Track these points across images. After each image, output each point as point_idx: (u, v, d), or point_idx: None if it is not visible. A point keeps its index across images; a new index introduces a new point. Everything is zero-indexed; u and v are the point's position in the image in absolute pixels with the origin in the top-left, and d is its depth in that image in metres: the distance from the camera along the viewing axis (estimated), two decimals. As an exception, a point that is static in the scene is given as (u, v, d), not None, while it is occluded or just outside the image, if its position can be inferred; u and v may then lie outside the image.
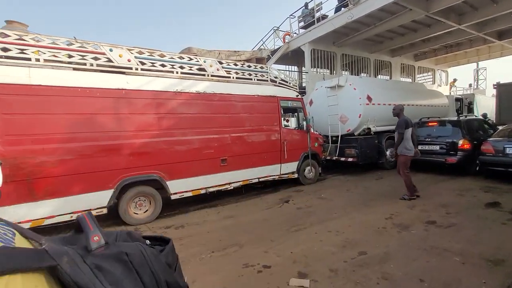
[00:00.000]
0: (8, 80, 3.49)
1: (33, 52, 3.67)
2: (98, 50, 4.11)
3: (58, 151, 3.69)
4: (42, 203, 3.61)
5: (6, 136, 3.41)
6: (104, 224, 4.33)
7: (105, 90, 4.05)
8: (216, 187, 5.14)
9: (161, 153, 4.45)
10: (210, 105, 5.03)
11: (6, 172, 3.37)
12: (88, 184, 3.89)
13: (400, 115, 4.93)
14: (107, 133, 4.03)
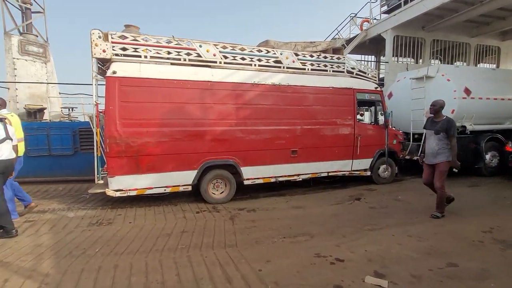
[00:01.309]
0: (125, 74, 4.29)
1: (143, 50, 4.41)
2: (190, 46, 4.65)
3: (157, 134, 4.39)
4: (145, 176, 4.38)
5: (122, 119, 4.22)
6: (188, 199, 4.98)
7: (194, 82, 4.58)
8: (285, 177, 5.27)
9: (237, 141, 4.80)
10: (284, 97, 5.13)
11: (122, 149, 4.21)
12: (178, 163, 4.51)
13: (440, 113, 3.92)
14: (194, 120, 4.57)
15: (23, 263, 2.71)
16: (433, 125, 3.93)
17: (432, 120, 4.00)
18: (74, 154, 6.86)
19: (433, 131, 3.89)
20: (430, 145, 3.94)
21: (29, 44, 8.10)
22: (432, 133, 3.90)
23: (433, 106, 3.93)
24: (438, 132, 3.81)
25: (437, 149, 3.83)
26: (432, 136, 3.91)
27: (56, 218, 4.04)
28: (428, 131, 4.00)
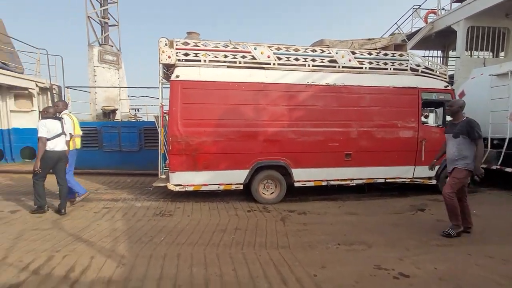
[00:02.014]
0: (187, 77, 4.62)
1: (203, 55, 4.70)
2: (245, 49, 4.79)
3: (213, 134, 4.63)
4: (201, 173, 4.66)
5: (183, 120, 4.56)
6: (239, 198, 5.14)
7: (249, 84, 4.70)
8: (338, 181, 5.06)
9: (289, 142, 4.78)
10: (339, 98, 4.94)
11: (182, 147, 4.55)
12: (231, 163, 4.69)
13: (459, 114, 3.42)
14: (248, 121, 4.69)
15: (104, 244, 3.13)
16: (452, 128, 3.48)
17: (451, 123, 3.54)
18: (139, 151, 7.67)
19: (451, 134, 3.43)
20: (449, 151, 3.50)
21: (106, 54, 9.33)
22: (451, 136, 3.44)
23: (450, 107, 3.51)
24: (457, 135, 3.36)
25: (456, 154, 3.38)
26: (450, 140, 3.46)
27: (126, 206, 4.57)
28: (447, 135, 3.54)
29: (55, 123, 4.11)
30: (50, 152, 4.01)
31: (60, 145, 4.13)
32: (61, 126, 4.17)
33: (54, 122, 4.10)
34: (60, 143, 4.13)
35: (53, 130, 4.04)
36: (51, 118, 4.15)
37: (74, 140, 4.65)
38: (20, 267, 2.60)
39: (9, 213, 4.12)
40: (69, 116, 4.64)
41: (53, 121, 4.10)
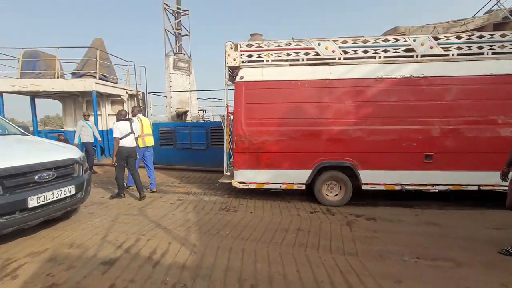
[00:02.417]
0: (250, 78, 4.76)
1: (265, 55, 4.77)
2: (308, 46, 4.65)
3: (275, 133, 4.65)
4: (263, 172, 4.74)
5: (247, 119, 4.72)
6: (301, 198, 5.04)
7: (312, 81, 4.56)
8: (415, 186, 4.46)
9: (356, 142, 4.45)
10: (416, 91, 4.34)
11: (245, 146, 4.71)
12: (294, 162, 4.63)
13: None
14: (311, 120, 4.55)
15: (179, 232, 3.48)
16: None
17: None
18: (206, 149, 8.30)
19: None
20: None
21: (179, 61, 10.40)
22: None
23: None
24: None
25: None
26: None
27: (196, 200, 4.99)
28: None
29: (125, 124, 4.87)
30: (122, 147, 4.81)
31: (130, 142, 4.90)
32: (130, 127, 4.92)
33: (125, 123, 4.86)
34: (130, 141, 4.91)
35: (124, 130, 4.82)
36: (123, 120, 4.91)
37: (143, 138, 5.44)
38: (116, 245, 3.10)
39: (107, 199, 4.98)
40: (138, 119, 5.40)
41: (124, 123, 4.87)
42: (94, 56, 8.90)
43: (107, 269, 2.61)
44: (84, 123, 7.33)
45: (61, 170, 3.26)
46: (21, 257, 2.81)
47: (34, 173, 2.93)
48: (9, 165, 2.72)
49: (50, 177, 3.07)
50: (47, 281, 2.41)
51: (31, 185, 2.89)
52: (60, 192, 3.14)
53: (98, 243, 3.16)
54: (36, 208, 2.89)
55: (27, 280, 2.43)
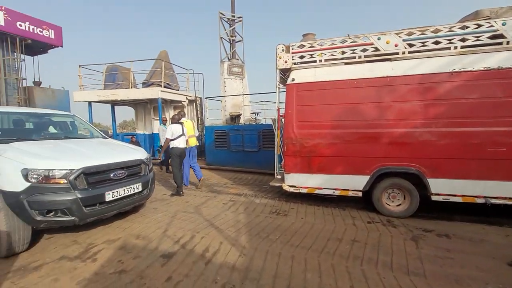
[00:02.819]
0: (302, 80, 4.64)
1: (318, 55, 4.58)
2: (366, 42, 4.30)
3: (328, 136, 4.42)
4: (315, 176, 4.54)
5: (298, 122, 4.61)
6: (357, 205, 4.67)
7: (370, 80, 4.20)
8: (504, 200, 3.69)
9: (424, 146, 3.91)
10: (506, 85, 3.59)
11: (297, 149, 4.60)
12: (349, 167, 4.32)
13: None
14: (369, 121, 4.19)
15: (229, 233, 3.58)
16: None
17: None
18: (258, 151, 8.41)
19: None
20: None
21: (233, 67, 10.83)
22: None
23: None
24: None
25: None
26: None
27: (247, 201, 5.08)
28: None
29: (178, 126, 5.50)
30: (175, 148, 5.42)
31: (182, 143, 5.52)
32: (181, 129, 5.53)
33: (177, 126, 5.50)
34: (182, 142, 5.51)
35: (176, 132, 5.43)
36: (176, 123, 5.57)
37: (186, 140, 5.91)
38: (174, 240, 3.35)
39: (169, 197, 5.45)
40: (186, 122, 6.03)
41: (177, 125, 5.51)
42: (160, 66, 9.93)
43: (166, 261, 2.83)
44: (163, 127, 7.87)
45: (131, 169, 3.70)
46: (99, 243, 3.27)
47: (110, 171, 3.38)
48: (92, 164, 3.20)
49: (122, 175, 3.51)
50: (118, 267, 2.73)
51: (107, 182, 3.34)
52: (129, 188, 3.55)
53: (160, 236, 3.46)
54: (111, 202, 3.33)
55: (103, 264, 2.80)
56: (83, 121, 5.01)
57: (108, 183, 3.35)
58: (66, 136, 4.33)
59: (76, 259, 2.90)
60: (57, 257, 2.93)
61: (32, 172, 2.85)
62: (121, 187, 3.44)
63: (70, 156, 3.25)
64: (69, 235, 3.49)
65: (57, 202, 2.90)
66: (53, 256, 2.97)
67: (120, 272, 2.63)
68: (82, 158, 3.27)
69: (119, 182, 3.46)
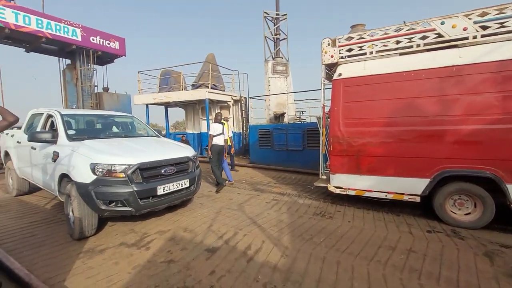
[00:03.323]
0: (350, 74, 4.35)
1: (368, 46, 4.24)
2: (427, 28, 3.82)
3: (380, 134, 4.05)
4: (364, 178, 4.21)
5: (345, 119, 4.33)
6: (413, 212, 4.19)
7: (431, 70, 3.72)
8: None
9: (502, 145, 3.30)
10: None
11: (343, 148, 4.33)
12: (404, 168, 3.90)
13: None
14: (429, 118, 3.71)
15: (272, 232, 3.54)
16: None
17: None
18: (302, 150, 8.21)
19: None
20: None
21: (277, 65, 10.77)
22: None
23: None
24: None
25: None
26: None
27: (291, 201, 4.98)
28: None
29: (219, 125, 5.95)
30: (215, 145, 5.86)
31: (221, 141, 5.93)
32: (222, 128, 5.96)
33: (218, 125, 5.95)
34: (221, 140, 5.94)
35: (217, 130, 5.89)
36: (217, 122, 6.01)
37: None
38: (218, 235, 3.45)
39: (214, 193, 5.67)
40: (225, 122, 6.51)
41: (218, 124, 5.96)
42: (207, 69, 10.41)
43: (210, 256, 2.92)
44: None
45: (179, 166, 3.93)
46: (152, 233, 3.55)
47: (161, 167, 3.65)
48: (146, 160, 3.49)
49: (172, 171, 3.75)
50: (167, 257, 2.92)
51: (159, 177, 3.61)
52: (178, 184, 3.78)
53: (205, 231, 3.61)
54: (162, 195, 3.59)
55: (155, 252, 3.02)
56: (141, 122, 5.52)
57: (159, 178, 3.61)
58: (126, 135, 4.81)
59: (133, 246, 3.19)
60: (118, 243, 3.27)
61: (98, 166, 3.23)
62: (170, 182, 3.68)
63: (128, 152, 3.60)
64: (127, 224, 3.87)
65: (118, 194, 3.23)
66: (115, 241, 3.32)
67: (169, 262, 2.81)
68: (138, 154, 3.58)
69: (169, 178, 3.71)
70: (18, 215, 4.35)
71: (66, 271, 2.65)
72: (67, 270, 2.68)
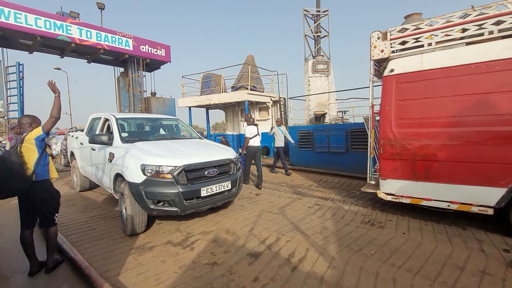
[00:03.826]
0: (404, 70, 3.94)
1: (426, 37, 3.79)
2: (502, 11, 3.26)
3: (441, 135, 3.58)
4: (422, 184, 3.77)
5: (398, 120, 3.93)
6: (484, 226, 3.61)
7: (508, 61, 3.16)
8: None
9: None
10: None
11: (396, 151, 3.93)
12: (472, 175, 3.38)
13: None
14: (506, 116, 3.16)
15: (316, 240, 3.35)
16: None
17: None
18: (346, 152, 7.76)
19: None
20: None
21: (318, 64, 10.40)
22: None
23: None
24: None
25: None
26: None
27: (335, 207, 4.70)
28: None
29: (253, 127, 6.13)
30: (251, 146, 6.10)
31: (257, 142, 6.17)
32: (256, 130, 6.14)
33: (253, 127, 6.13)
34: (256, 141, 6.16)
35: (252, 132, 6.05)
36: (252, 124, 6.18)
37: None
38: (260, 240, 3.37)
39: (254, 195, 5.63)
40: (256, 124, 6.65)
41: (253, 127, 6.15)
42: (247, 70, 10.50)
43: (253, 261, 2.86)
44: (277, 128, 7.83)
45: (222, 168, 3.96)
46: (196, 233, 3.63)
47: (205, 169, 3.71)
48: (190, 162, 3.58)
49: (214, 173, 3.80)
50: (211, 259, 2.94)
51: (202, 179, 3.67)
52: (220, 186, 3.81)
53: (247, 234, 3.57)
54: (206, 197, 3.64)
55: (199, 253, 3.07)
56: (184, 124, 5.75)
57: (203, 180, 3.67)
58: (172, 137, 5.04)
59: (178, 245, 3.29)
60: (165, 241, 3.40)
61: (148, 167, 3.40)
62: (213, 184, 3.72)
63: (174, 154, 3.73)
64: (173, 223, 4.03)
65: (165, 194, 3.36)
66: (162, 239, 3.46)
67: (213, 264, 2.81)
68: (183, 156, 3.70)
69: (212, 180, 3.75)
70: (81, 209, 4.84)
71: (119, 266, 2.82)
72: (121, 264, 2.85)
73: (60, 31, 10.79)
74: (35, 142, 2.65)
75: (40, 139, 2.68)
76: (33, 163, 2.64)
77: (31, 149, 2.65)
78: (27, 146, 2.64)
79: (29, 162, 2.63)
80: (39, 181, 2.69)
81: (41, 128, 2.70)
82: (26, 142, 2.64)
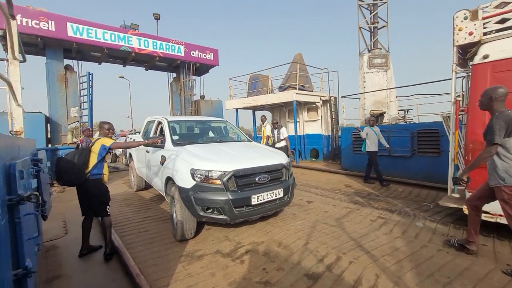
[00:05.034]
0: (502, 55, 3.11)
1: (540, 10, 2.91)
2: None
3: None
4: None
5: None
6: None
7: None
8: None
9: None
10: None
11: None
12: None
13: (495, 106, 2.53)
14: None
15: (387, 264, 2.79)
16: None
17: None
18: (411, 157, 6.77)
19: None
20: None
21: (375, 58, 9.41)
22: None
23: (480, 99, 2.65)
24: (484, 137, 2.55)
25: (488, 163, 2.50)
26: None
27: (404, 222, 3.99)
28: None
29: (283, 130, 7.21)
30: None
31: (282, 143, 7.12)
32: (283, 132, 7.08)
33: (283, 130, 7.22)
34: (283, 143, 7.13)
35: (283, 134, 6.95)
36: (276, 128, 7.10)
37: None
38: (318, 258, 2.95)
39: (306, 203, 5.19)
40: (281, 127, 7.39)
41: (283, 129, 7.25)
42: (295, 69, 10.06)
43: (311, 284, 2.47)
44: (370, 129, 6.48)
45: (273, 174, 3.64)
46: (246, 243, 3.37)
47: (255, 175, 3.44)
48: (240, 167, 3.35)
49: (266, 180, 3.50)
50: (263, 276, 2.64)
51: (253, 185, 3.40)
52: (272, 193, 3.49)
53: (301, 249, 3.18)
54: (256, 205, 3.37)
55: (250, 268, 2.79)
56: (233, 126, 5.61)
57: (253, 186, 3.40)
58: (221, 139, 4.92)
59: (228, 256, 3.07)
60: (214, 251, 3.22)
61: (197, 172, 3.27)
62: (264, 192, 3.42)
63: (224, 158, 3.54)
64: (222, 230, 3.85)
65: (214, 201, 3.18)
66: (211, 248, 3.29)
67: (265, 284, 2.51)
68: (233, 160, 3.48)
69: (263, 186, 3.46)
70: (136, 209, 5.03)
71: (169, 275, 2.71)
72: (170, 273, 2.74)
73: (122, 42, 11.85)
74: (98, 150, 3.09)
75: (103, 148, 3.10)
76: (92, 165, 3.07)
77: (93, 155, 3.10)
78: (92, 151, 3.11)
79: (89, 163, 3.08)
80: (92, 179, 3.09)
81: (111, 143, 3.15)
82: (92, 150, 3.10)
